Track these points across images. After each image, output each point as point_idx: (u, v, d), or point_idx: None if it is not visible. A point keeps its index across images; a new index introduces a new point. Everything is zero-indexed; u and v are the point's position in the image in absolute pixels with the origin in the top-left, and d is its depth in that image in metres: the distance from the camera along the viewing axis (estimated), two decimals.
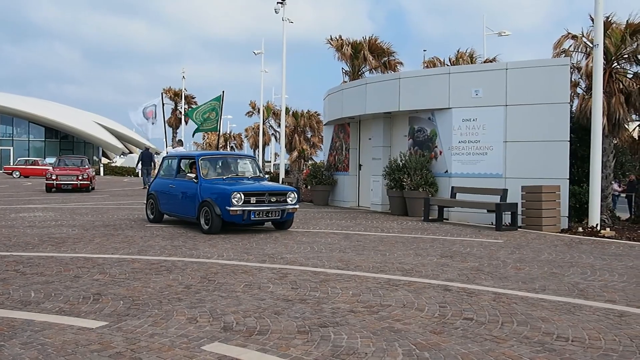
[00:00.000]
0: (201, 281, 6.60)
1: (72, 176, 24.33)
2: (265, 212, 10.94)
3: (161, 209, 12.67)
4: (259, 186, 11.44)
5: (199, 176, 11.48)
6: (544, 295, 6.09)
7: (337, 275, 7.08)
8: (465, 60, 25.87)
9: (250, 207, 10.72)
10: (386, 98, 15.89)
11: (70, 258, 8.07)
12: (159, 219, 12.77)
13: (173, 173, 12.74)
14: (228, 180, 11.63)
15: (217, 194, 10.87)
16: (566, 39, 14.61)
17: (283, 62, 27.25)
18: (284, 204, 11.16)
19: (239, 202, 10.59)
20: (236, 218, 10.75)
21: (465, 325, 4.90)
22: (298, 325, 4.86)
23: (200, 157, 11.98)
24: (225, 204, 10.61)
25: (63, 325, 4.81)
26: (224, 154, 13.85)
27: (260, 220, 11.12)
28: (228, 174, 12.05)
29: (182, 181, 12.09)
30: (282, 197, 11.20)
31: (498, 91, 13.69)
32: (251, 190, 10.99)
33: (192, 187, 11.54)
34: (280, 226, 11.73)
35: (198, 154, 12.22)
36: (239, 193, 10.61)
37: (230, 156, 13.34)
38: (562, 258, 8.65)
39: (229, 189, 10.79)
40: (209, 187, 11.19)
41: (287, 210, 11.23)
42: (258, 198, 10.89)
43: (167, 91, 58.16)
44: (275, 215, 11.11)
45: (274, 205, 11.02)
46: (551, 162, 12.88)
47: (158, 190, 12.88)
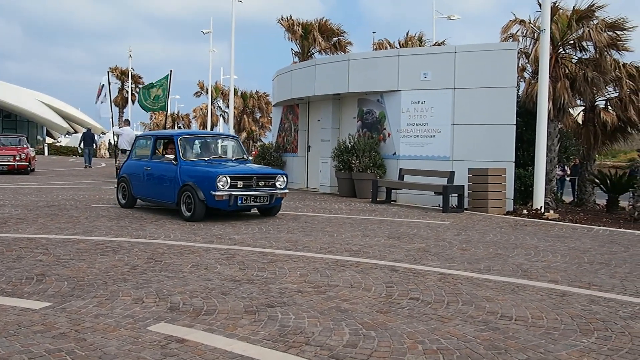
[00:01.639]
0: (147, 262, 6.53)
1: (8, 156, 22.05)
2: (253, 197, 10.09)
3: (134, 194, 11.60)
4: (246, 169, 10.57)
5: (179, 157, 10.45)
6: (489, 276, 6.22)
7: (285, 255, 7.09)
8: (414, 43, 26.09)
9: (237, 192, 9.80)
10: (335, 79, 15.89)
11: (13, 238, 7.88)
12: (131, 204, 11.76)
13: (148, 154, 11.58)
14: (210, 162, 10.65)
15: (200, 177, 9.94)
16: (514, 24, 14.85)
17: (232, 42, 26.95)
18: (273, 189, 10.37)
19: (225, 186, 9.68)
20: (221, 204, 9.80)
21: (411, 305, 4.97)
22: (245, 305, 4.85)
23: (180, 136, 10.91)
24: (209, 188, 9.68)
25: (5, 306, 4.71)
26: (205, 134, 12.85)
27: (247, 206, 10.30)
28: (210, 155, 11.18)
29: (159, 163, 11.08)
30: (270, 180, 10.40)
31: (447, 74, 13.83)
32: (238, 173, 10.08)
33: (171, 169, 10.51)
34: (268, 212, 10.90)
35: (177, 133, 11.22)
36: (224, 176, 9.69)
37: (211, 136, 12.39)
38: (507, 239, 8.84)
39: (214, 171, 9.82)
40: (190, 170, 10.24)
41: (277, 195, 10.44)
42: (245, 182, 10.01)
43: (114, 70, 57.04)
44: (264, 200, 10.28)
45: (262, 189, 10.20)
46: (497, 146, 13.12)
47: (131, 173, 11.77)
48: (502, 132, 13.14)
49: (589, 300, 5.27)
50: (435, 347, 3.93)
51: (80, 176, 22.24)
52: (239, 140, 12.20)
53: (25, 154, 22.40)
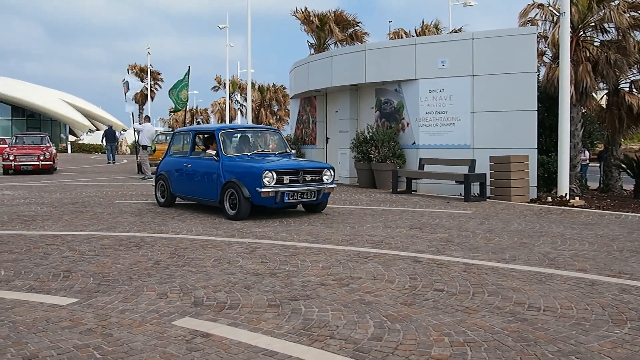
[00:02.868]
0: (170, 256, 6.56)
1: (32, 156, 21.36)
2: (300, 193, 9.53)
3: (174, 192, 11.17)
4: (291, 163, 10.00)
5: (220, 153, 9.96)
6: (515, 265, 6.14)
7: (306, 248, 7.08)
8: (430, 31, 25.94)
9: (283, 188, 9.30)
10: (352, 70, 15.82)
11: (40, 235, 7.98)
12: (170, 203, 11.32)
13: (187, 150, 11.21)
14: (253, 157, 10.13)
15: (245, 173, 9.47)
16: (532, 8, 14.67)
17: (248, 37, 26.91)
18: (320, 183, 9.79)
19: (271, 182, 9.18)
20: (267, 201, 9.31)
21: (436, 297, 4.93)
22: (269, 299, 4.85)
23: (221, 130, 10.41)
24: (254, 184, 9.21)
25: (34, 302, 4.77)
26: (246, 127, 12.22)
27: (294, 202, 9.74)
28: (252, 149, 10.55)
29: (200, 159, 10.64)
30: (317, 175, 9.83)
31: (464, 61, 13.70)
32: (284, 168, 9.58)
33: (213, 166, 10.04)
34: (314, 209, 10.34)
35: (217, 127, 10.77)
36: (270, 172, 9.21)
37: (253, 130, 11.76)
38: (532, 228, 8.72)
39: (259, 166, 9.34)
40: (233, 166, 9.77)
41: (324, 190, 9.87)
42: (291, 177, 9.49)
43: (133, 67, 57.40)
44: (311, 196, 9.70)
45: (309, 184, 9.65)
46: (519, 132, 12.96)
47: (169, 170, 11.34)
48: (523, 118, 12.97)
49: (619, 289, 5.16)
50: (462, 340, 3.89)
51: (102, 173, 22.44)
52: (280, 133, 11.69)
53: (49, 153, 21.86)
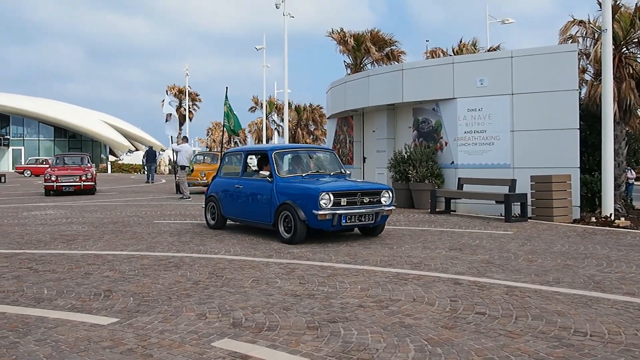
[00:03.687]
0: (209, 277, 6.58)
1: (74, 176, 21.28)
2: (358, 215, 9.13)
3: (224, 214, 10.92)
4: (349, 184, 9.58)
5: (274, 174, 9.68)
6: (559, 288, 5.99)
7: (344, 269, 7.03)
8: (468, 50, 25.77)
9: (341, 210, 8.92)
10: (389, 90, 15.80)
11: (81, 255, 8.11)
12: (221, 225, 11.08)
13: (239, 171, 10.92)
14: (308, 178, 9.76)
15: (300, 195, 9.13)
16: (573, 25, 14.48)
17: (285, 58, 27.17)
18: (378, 205, 9.36)
19: (328, 204, 8.82)
20: (324, 224, 8.93)
21: (477, 320, 4.82)
22: (307, 320, 4.81)
23: (274, 150, 10.12)
24: (311, 207, 8.83)
25: (75, 322, 4.83)
26: (300, 147, 11.78)
27: (351, 225, 9.27)
28: (307, 170, 10.16)
29: (252, 180, 10.35)
30: (375, 196, 9.40)
31: (503, 80, 13.57)
32: (341, 189, 9.16)
33: (266, 187, 9.72)
34: (371, 232, 9.93)
35: (270, 147, 10.48)
36: (327, 193, 8.84)
37: (307, 150, 11.33)
38: (576, 249, 8.53)
39: (315, 188, 9.00)
40: (287, 187, 9.44)
41: (382, 212, 9.42)
42: (349, 199, 9.10)
43: (171, 88, 58.37)
44: (369, 219, 9.29)
45: (367, 207, 9.24)
46: (561, 151, 12.74)
47: (220, 192, 11.11)
48: (565, 136, 12.75)
49: None
50: None
51: (141, 193, 22.74)
52: (335, 153, 11.26)
53: (91, 174, 21.80)
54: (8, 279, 6.54)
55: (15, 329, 4.64)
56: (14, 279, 6.54)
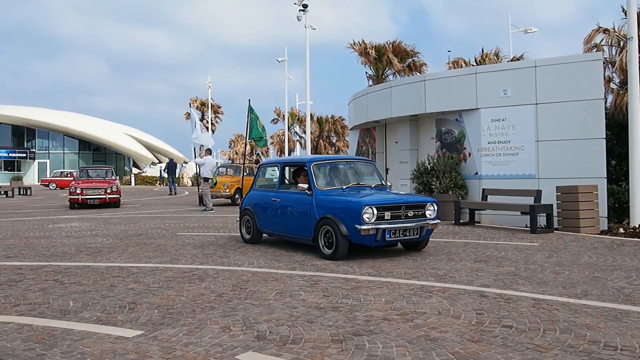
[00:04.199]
0: (233, 289, 6.58)
1: (99, 189, 21.17)
2: (402, 230, 8.66)
3: (260, 228, 10.55)
4: (392, 197, 9.11)
5: (313, 187, 9.28)
6: (587, 301, 5.89)
7: (368, 281, 6.98)
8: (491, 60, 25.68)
9: (384, 225, 8.47)
10: (412, 101, 15.75)
11: (106, 267, 8.17)
12: (257, 239, 10.70)
13: (275, 183, 10.70)
14: (348, 190, 9.37)
15: (342, 208, 8.72)
16: (597, 33, 14.38)
17: (307, 71, 27.22)
18: (423, 219, 8.94)
19: (371, 218, 8.38)
20: (367, 239, 8.50)
21: (504, 333, 4.75)
22: (332, 333, 4.78)
23: (313, 162, 9.67)
24: (353, 221, 8.40)
25: (101, 334, 4.86)
26: (339, 159, 11.22)
27: (395, 240, 8.80)
28: (345, 182, 9.73)
29: (290, 193, 9.99)
30: (420, 210, 8.96)
31: (527, 89, 13.45)
32: (385, 202, 8.70)
33: (305, 200, 9.35)
34: (414, 247, 9.49)
35: (309, 159, 9.95)
36: (370, 207, 8.41)
37: (346, 161, 10.87)
38: (604, 261, 8.37)
39: (358, 201, 8.56)
40: (328, 200, 9.04)
41: (427, 226, 8.97)
42: (393, 212, 8.67)
43: (194, 101, 58.87)
44: (413, 233, 8.82)
45: (412, 221, 8.80)
46: (587, 161, 12.57)
47: (255, 205, 10.72)
48: (591, 146, 12.60)
49: None
50: None
51: (165, 205, 22.89)
52: (375, 164, 10.77)
53: (116, 186, 21.68)
54: (34, 291, 6.60)
55: (42, 341, 4.68)
56: (40, 291, 6.60)
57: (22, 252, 9.81)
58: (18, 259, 9.03)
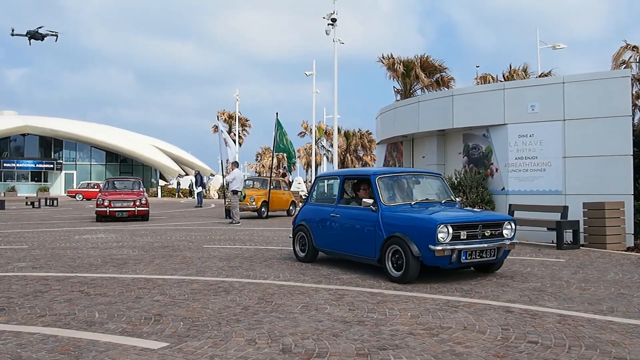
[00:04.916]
0: (259, 302, 6.61)
1: (127, 202, 20.42)
2: (479, 251, 7.89)
3: (317, 246, 9.81)
4: (468, 215, 8.41)
5: (379, 202, 8.51)
6: (613, 317, 5.86)
7: (394, 296, 6.99)
8: (519, 75, 25.59)
9: (461, 245, 7.71)
10: (439, 115, 15.75)
11: (132, 279, 8.23)
12: (312, 257, 9.97)
13: (334, 198, 9.84)
14: (417, 206, 8.61)
15: (413, 226, 7.93)
16: (625, 51, 14.29)
17: (335, 84, 27.32)
18: (500, 239, 8.13)
19: (447, 237, 7.63)
20: (442, 261, 7.71)
21: (530, 349, 4.74)
22: (357, 347, 4.79)
23: (378, 175, 8.91)
24: (427, 240, 7.63)
25: (126, 345, 4.89)
26: (406, 172, 10.26)
27: (471, 262, 8.08)
28: (414, 197, 9.01)
29: (351, 209, 9.24)
30: (497, 228, 8.17)
31: (555, 106, 13.38)
32: (461, 220, 7.96)
33: (369, 217, 8.56)
34: (488, 268, 8.70)
35: (373, 172, 9.15)
36: (446, 225, 7.64)
37: (413, 174, 9.99)
38: (630, 278, 8.31)
39: (433, 219, 7.81)
40: (395, 217, 8.26)
41: (504, 247, 8.17)
42: (469, 232, 7.89)
43: (222, 114, 59.38)
44: (490, 254, 8.04)
45: (489, 241, 8.00)
46: (614, 178, 12.48)
47: (311, 221, 10.01)
48: (618, 163, 12.49)
49: None
50: None
51: (191, 217, 23.05)
52: (443, 178, 9.97)
53: (145, 199, 20.95)
54: (60, 302, 6.66)
55: (67, 352, 4.71)
56: (66, 302, 6.65)
57: (48, 262, 9.91)
58: (44, 270, 9.10)
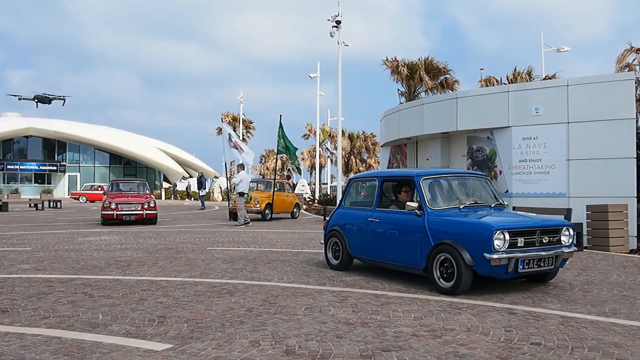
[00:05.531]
0: (262, 304, 6.63)
1: (135, 204, 19.50)
2: (537, 260, 7.17)
3: (352, 252, 9.13)
4: (526, 220, 7.62)
5: (424, 206, 7.79)
6: (616, 319, 5.88)
7: (398, 298, 7.01)
8: (523, 78, 25.57)
9: (518, 253, 6.99)
10: (443, 118, 15.76)
11: (136, 281, 8.25)
12: (347, 265, 9.30)
13: (371, 201, 9.01)
14: (465, 210, 7.88)
15: (466, 233, 7.25)
16: (629, 53, 14.30)
17: (339, 87, 27.21)
18: (558, 246, 7.40)
19: (503, 245, 6.91)
20: (498, 270, 7.00)
21: (533, 351, 4.76)
22: (360, 349, 4.81)
23: (422, 177, 8.16)
24: (481, 248, 6.94)
25: (130, 347, 4.90)
26: (451, 173, 9.48)
27: (529, 272, 7.26)
28: (462, 201, 8.24)
29: (392, 213, 8.60)
30: (555, 235, 7.42)
31: (559, 108, 13.39)
32: (519, 226, 7.21)
33: (414, 222, 7.85)
34: (542, 278, 7.99)
35: (416, 173, 8.39)
36: (503, 232, 6.93)
37: (458, 175, 9.22)
38: (633, 280, 8.33)
39: (488, 224, 7.10)
40: (445, 223, 7.56)
41: (563, 255, 7.45)
42: (527, 238, 7.14)
43: (226, 116, 59.39)
44: (548, 264, 7.32)
45: (546, 248, 7.27)
46: (617, 180, 12.49)
47: (346, 226, 9.33)
48: (621, 166, 12.50)
49: None
50: None
51: (195, 219, 23.07)
52: (489, 180, 9.14)
53: (153, 202, 20.01)
54: (64, 304, 6.66)
55: (71, 354, 4.72)
56: (70, 304, 6.66)
57: (52, 264, 9.92)
58: (48, 272, 9.11)
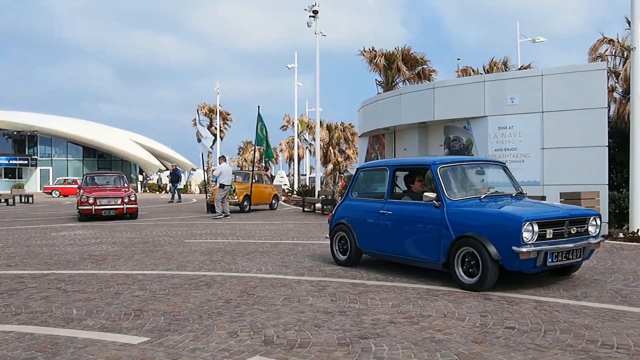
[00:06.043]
0: (240, 295, 6.63)
1: (114, 199, 18.47)
2: (565, 252, 6.71)
3: (361, 247, 8.51)
4: (552, 210, 7.06)
5: (442, 196, 7.23)
6: (586, 303, 6.01)
7: (376, 286, 7.06)
8: (499, 68, 25.72)
9: (547, 246, 6.52)
10: (421, 108, 15.85)
11: (111, 275, 8.16)
12: (355, 261, 8.67)
13: (382, 192, 8.37)
14: (486, 200, 7.34)
15: (491, 225, 6.71)
16: (602, 44, 14.48)
17: (317, 77, 27.25)
18: (586, 237, 6.97)
19: (532, 237, 6.43)
20: (526, 264, 6.49)
21: (507, 334, 4.84)
22: (339, 337, 4.85)
23: (440, 165, 7.59)
24: (509, 241, 6.43)
25: (105, 341, 4.86)
26: (469, 161, 9.14)
27: (557, 265, 6.80)
28: (479, 190, 7.81)
29: (407, 204, 7.99)
30: (582, 225, 6.98)
31: (534, 98, 13.55)
32: (548, 217, 6.69)
33: (432, 214, 7.28)
34: (565, 271, 7.48)
35: (432, 160, 7.82)
36: (531, 223, 6.44)
37: (477, 163, 8.85)
38: (604, 264, 8.50)
39: (516, 215, 6.59)
40: (467, 214, 7.00)
41: (590, 246, 7.05)
42: (556, 229, 6.67)
43: (202, 107, 58.95)
44: (576, 255, 6.88)
45: (574, 240, 6.82)
46: (589, 168, 12.71)
47: (354, 218, 8.69)
48: (593, 154, 12.71)
49: None
50: None
51: (172, 212, 22.92)
52: (507, 167, 8.45)
53: (134, 195, 19.09)
54: (37, 300, 6.55)
55: (44, 350, 4.66)
56: (43, 300, 6.55)
57: (24, 260, 9.72)
58: (19, 268, 8.93)
